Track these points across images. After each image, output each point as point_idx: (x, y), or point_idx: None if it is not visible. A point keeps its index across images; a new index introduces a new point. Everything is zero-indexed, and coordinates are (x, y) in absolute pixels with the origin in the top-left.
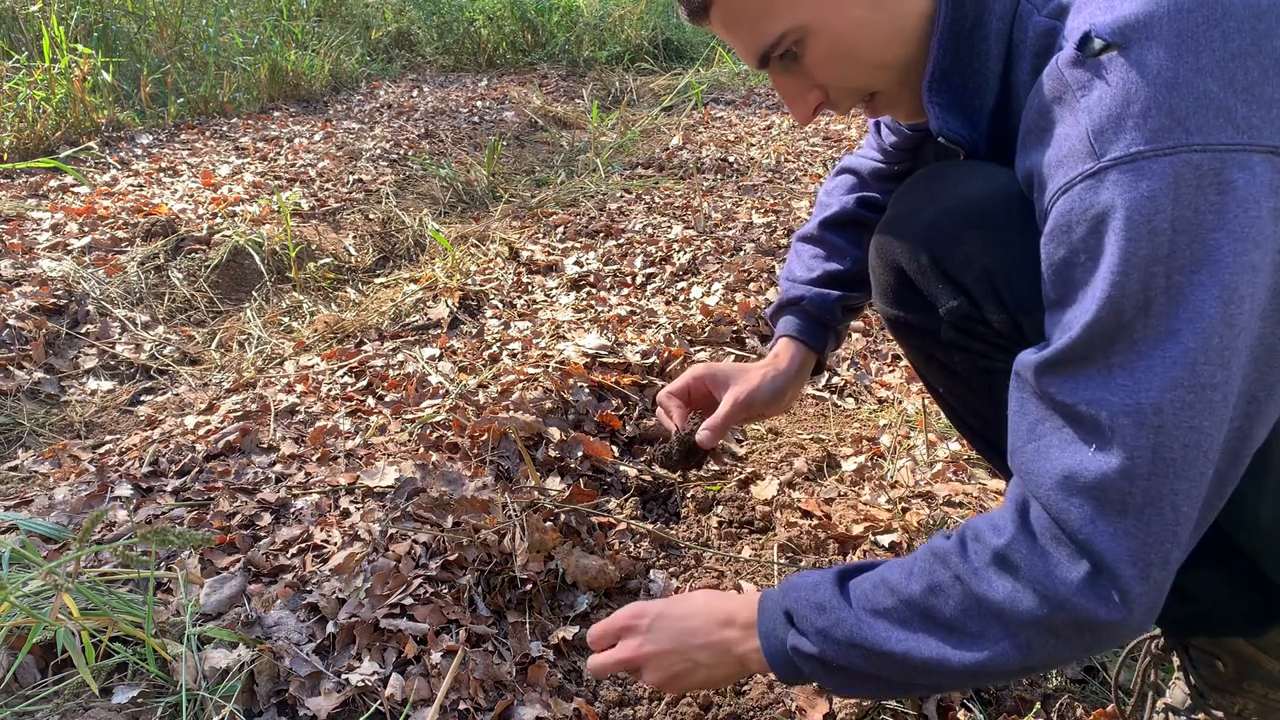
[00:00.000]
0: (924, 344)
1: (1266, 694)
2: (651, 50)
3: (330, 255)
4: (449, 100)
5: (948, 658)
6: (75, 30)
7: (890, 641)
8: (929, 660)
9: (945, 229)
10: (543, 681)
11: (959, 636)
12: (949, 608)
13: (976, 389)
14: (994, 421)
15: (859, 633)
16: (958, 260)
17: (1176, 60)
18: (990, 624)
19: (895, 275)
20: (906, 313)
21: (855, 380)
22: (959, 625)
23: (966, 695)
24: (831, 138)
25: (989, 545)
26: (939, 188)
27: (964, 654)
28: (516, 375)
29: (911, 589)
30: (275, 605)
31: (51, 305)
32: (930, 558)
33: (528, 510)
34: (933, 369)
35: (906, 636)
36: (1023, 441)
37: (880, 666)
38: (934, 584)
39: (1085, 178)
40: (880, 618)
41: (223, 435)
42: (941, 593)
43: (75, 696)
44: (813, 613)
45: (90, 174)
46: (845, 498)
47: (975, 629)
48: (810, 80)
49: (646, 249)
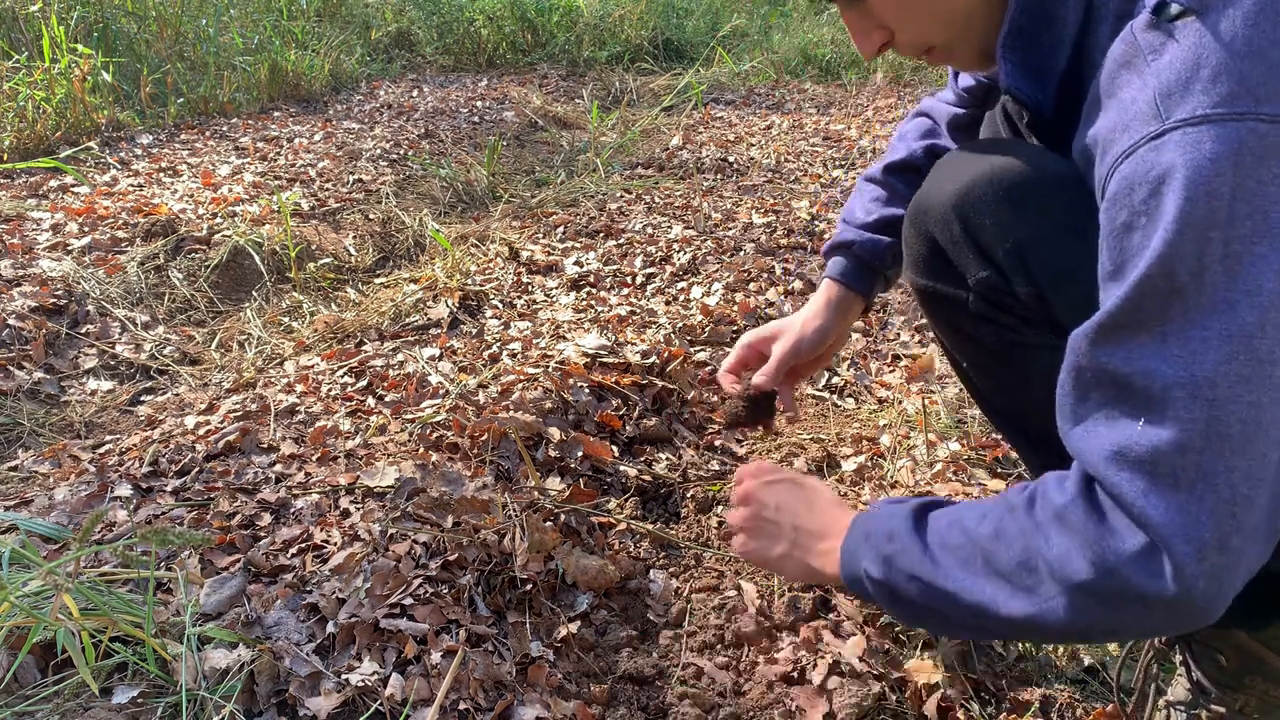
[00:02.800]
0: (953, 316)
1: (1268, 690)
2: (651, 50)
3: (330, 255)
4: (449, 100)
5: (997, 605)
6: (75, 30)
7: (948, 580)
8: (980, 604)
9: (979, 201)
10: (543, 681)
11: (1013, 587)
12: (1008, 557)
13: (1001, 362)
14: (1017, 397)
15: (920, 567)
16: (989, 232)
17: (1253, 28)
18: (1043, 580)
19: (928, 245)
20: (937, 283)
21: (855, 380)
22: (1014, 576)
23: (965, 695)
24: (831, 138)
25: (1052, 502)
26: (975, 162)
27: (1013, 604)
28: (516, 375)
29: (980, 532)
30: (275, 605)
31: (51, 305)
32: (1002, 505)
33: (528, 510)
34: (959, 342)
35: (964, 577)
36: (1073, 414)
37: (936, 602)
38: (999, 530)
39: (1148, 139)
40: (946, 554)
41: (223, 435)
42: (1004, 541)
43: (75, 696)
44: (883, 540)
45: (90, 174)
46: (845, 498)
47: (1029, 582)
48: (875, 20)
49: (646, 249)
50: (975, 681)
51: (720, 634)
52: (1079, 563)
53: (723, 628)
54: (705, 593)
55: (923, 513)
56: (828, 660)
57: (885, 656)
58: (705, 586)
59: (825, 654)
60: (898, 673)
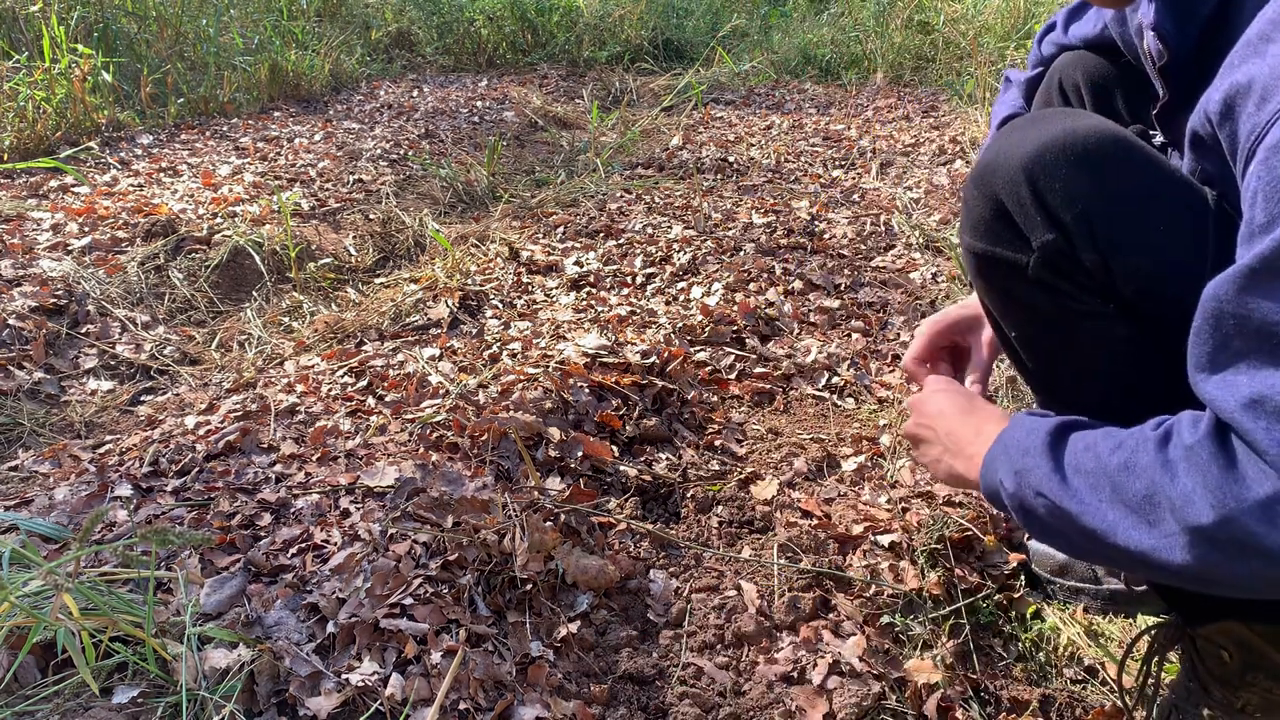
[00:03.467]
0: (1008, 281)
1: (1270, 688)
2: (651, 50)
3: (330, 255)
4: (449, 100)
5: (1117, 533)
6: (75, 30)
7: (1073, 501)
8: (1101, 529)
9: (1051, 164)
10: (543, 681)
11: (1135, 518)
12: (1135, 489)
13: (1054, 331)
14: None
15: (1048, 484)
16: (1059, 195)
17: None
18: (1165, 516)
19: (992, 207)
20: (997, 247)
21: (855, 380)
22: (1138, 507)
23: (965, 695)
24: (831, 138)
25: (1183, 440)
26: (1048, 126)
27: (1132, 534)
28: (516, 375)
29: (1111, 460)
30: (275, 605)
31: (51, 305)
32: (1137, 437)
33: (528, 510)
34: (1011, 309)
35: (1091, 501)
36: (1210, 362)
37: (1060, 521)
38: (1130, 462)
39: None
40: (1078, 477)
41: (223, 435)
42: (1133, 473)
43: (75, 696)
44: (1018, 454)
45: (90, 174)
46: (845, 498)
47: (1152, 517)
48: None
49: (646, 249)
50: (975, 681)
51: (720, 634)
52: (1201, 505)
53: (723, 628)
54: (705, 593)
55: (1062, 433)
56: (828, 660)
57: (885, 656)
58: (705, 586)
59: (825, 654)
60: (897, 673)
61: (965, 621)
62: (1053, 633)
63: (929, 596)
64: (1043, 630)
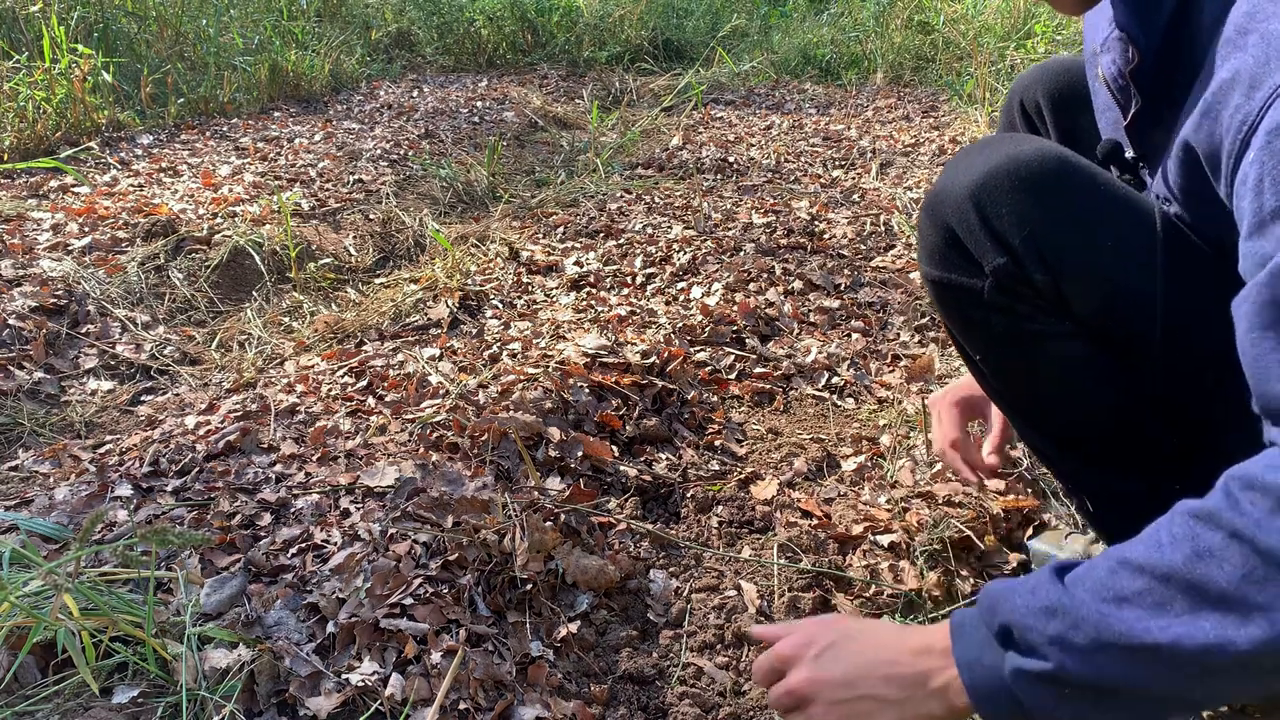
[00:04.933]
0: (966, 307)
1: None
2: (651, 50)
3: (330, 255)
4: (449, 100)
5: (1232, 639)
6: (75, 30)
7: (1152, 631)
8: (1208, 647)
9: (997, 189)
10: (543, 681)
11: (1244, 610)
12: (1225, 574)
13: (1015, 353)
14: (1030, 388)
15: (1109, 628)
16: (1006, 220)
17: None
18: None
19: (944, 236)
20: (951, 274)
21: (855, 380)
22: (1241, 596)
23: None
24: (831, 138)
25: (1272, 488)
26: (993, 152)
27: (1254, 631)
28: (516, 375)
29: (1169, 560)
30: (275, 605)
31: (52, 305)
32: (1189, 520)
33: (528, 510)
34: (972, 334)
35: (1171, 622)
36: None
37: (1142, 671)
38: (1200, 549)
39: None
40: (1129, 605)
41: (223, 435)
42: (1213, 557)
43: (75, 696)
44: (1040, 620)
45: (90, 174)
46: (845, 498)
47: (1264, 598)
48: None
49: (646, 249)
50: None
51: (720, 634)
52: None
53: (723, 628)
54: (705, 593)
55: (1061, 576)
56: None
57: None
58: (705, 586)
59: None
60: None
61: None
62: None
63: (929, 597)
64: None
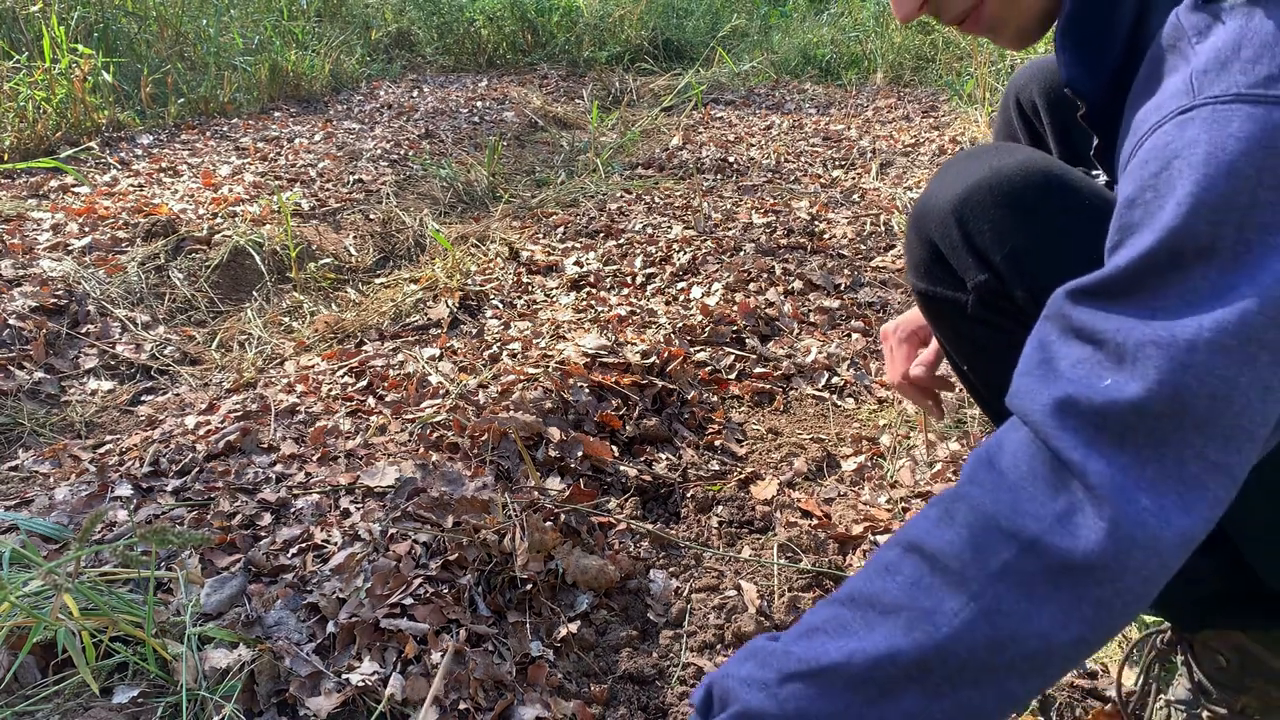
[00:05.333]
0: (953, 320)
1: (1269, 691)
2: (651, 50)
3: (330, 255)
4: (449, 100)
5: (899, 648)
6: (75, 30)
7: (830, 653)
8: (878, 659)
9: (978, 206)
10: (543, 681)
11: (910, 616)
12: (895, 585)
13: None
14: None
15: (792, 658)
16: (987, 236)
17: None
18: (945, 592)
19: (928, 250)
20: (937, 288)
21: (855, 380)
22: (908, 602)
23: None
24: (831, 138)
25: (944, 498)
26: (976, 166)
27: (917, 637)
28: (516, 375)
29: (852, 586)
30: (275, 605)
31: (52, 305)
32: (887, 547)
33: (528, 510)
34: (960, 346)
35: (847, 642)
36: (1028, 369)
37: (824, 698)
38: (881, 565)
39: (1176, 114)
40: (818, 634)
41: (223, 435)
42: (889, 573)
43: (75, 696)
44: (736, 667)
45: (90, 174)
46: (845, 498)
47: (928, 602)
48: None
49: (646, 249)
50: None
51: (720, 634)
52: (993, 547)
53: (723, 628)
54: (705, 593)
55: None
56: None
57: None
58: (705, 586)
59: None
60: None
61: None
62: None
63: None
64: None
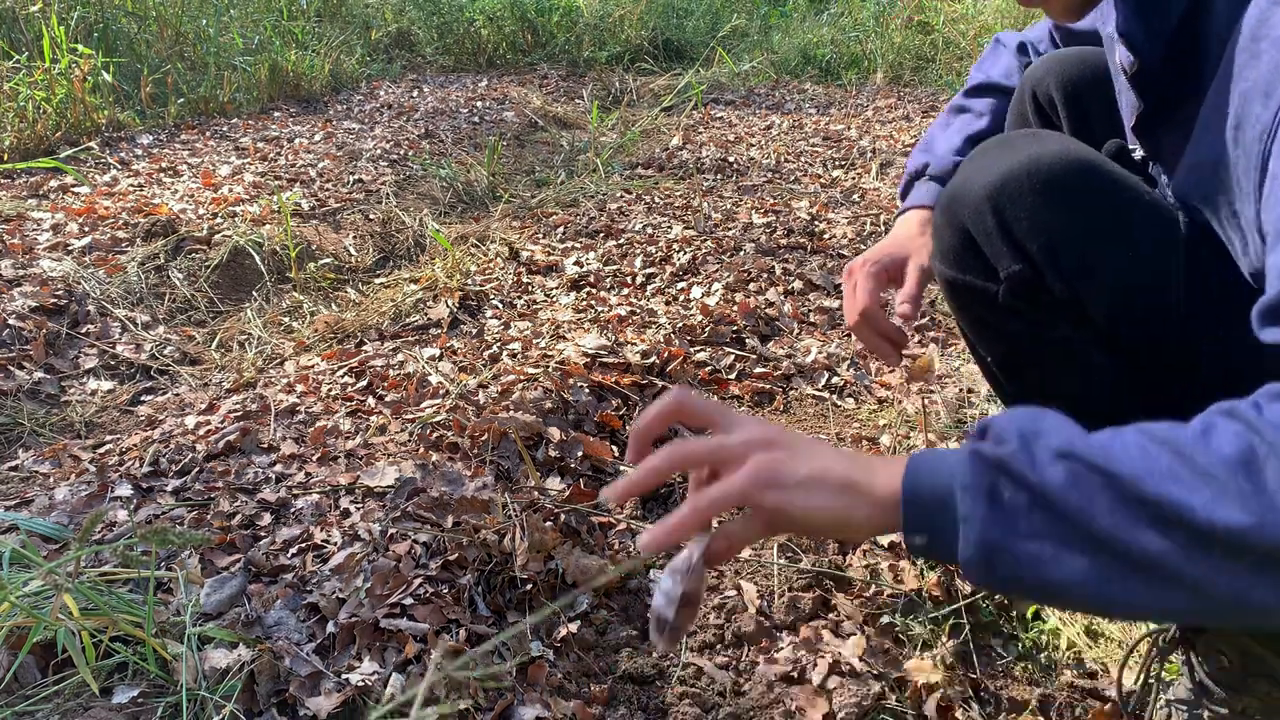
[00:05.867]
0: (980, 309)
1: (1270, 692)
2: (651, 50)
3: (330, 255)
4: (449, 100)
5: (1192, 505)
6: (75, 30)
7: (1117, 459)
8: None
9: (1015, 193)
10: (543, 681)
11: (1222, 486)
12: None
13: (1029, 357)
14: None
15: (1078, 444)
16: (1024, 226)
17: None
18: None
19: (960, 236)
20: (966, 276)
21: (855, 380)
22: (1229, 473)
23: (965, 695)
24: (831, 138)
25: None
26: (1013, 153)
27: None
28: (516, 375)
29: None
30: (275, 605)
31: (52, 305)
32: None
33: (528, 510)
34: (986, 336)
35: (1140, 464)
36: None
37: (1088, 495)
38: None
39: None
40: (1114, 440)
41: (223, 435)
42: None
43: (75, 696)
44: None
45: (90, 174)
46: None
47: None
48: None
49: (646, 249)
50: (975, 681)
51: (720, 634)
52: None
53: (723, 628)
54: (705, 593)
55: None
56: (828, 660)
57: (885, 656)
58: (705, 586)
59: (825, 654)
60: (897, 673)
61: (965, 621)
62: (1053, 634)
63: (929, 596)
64: (1043, 631)
